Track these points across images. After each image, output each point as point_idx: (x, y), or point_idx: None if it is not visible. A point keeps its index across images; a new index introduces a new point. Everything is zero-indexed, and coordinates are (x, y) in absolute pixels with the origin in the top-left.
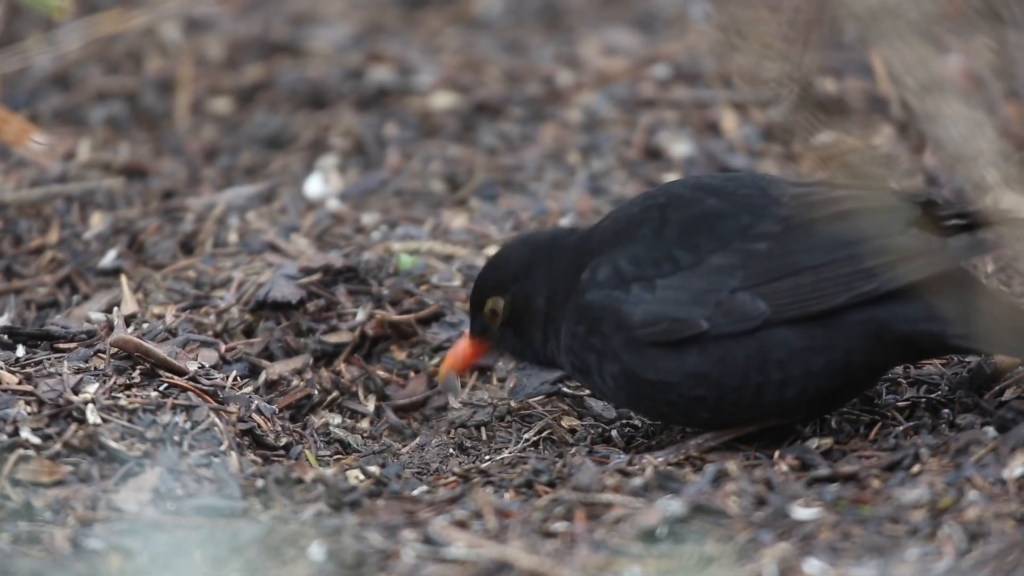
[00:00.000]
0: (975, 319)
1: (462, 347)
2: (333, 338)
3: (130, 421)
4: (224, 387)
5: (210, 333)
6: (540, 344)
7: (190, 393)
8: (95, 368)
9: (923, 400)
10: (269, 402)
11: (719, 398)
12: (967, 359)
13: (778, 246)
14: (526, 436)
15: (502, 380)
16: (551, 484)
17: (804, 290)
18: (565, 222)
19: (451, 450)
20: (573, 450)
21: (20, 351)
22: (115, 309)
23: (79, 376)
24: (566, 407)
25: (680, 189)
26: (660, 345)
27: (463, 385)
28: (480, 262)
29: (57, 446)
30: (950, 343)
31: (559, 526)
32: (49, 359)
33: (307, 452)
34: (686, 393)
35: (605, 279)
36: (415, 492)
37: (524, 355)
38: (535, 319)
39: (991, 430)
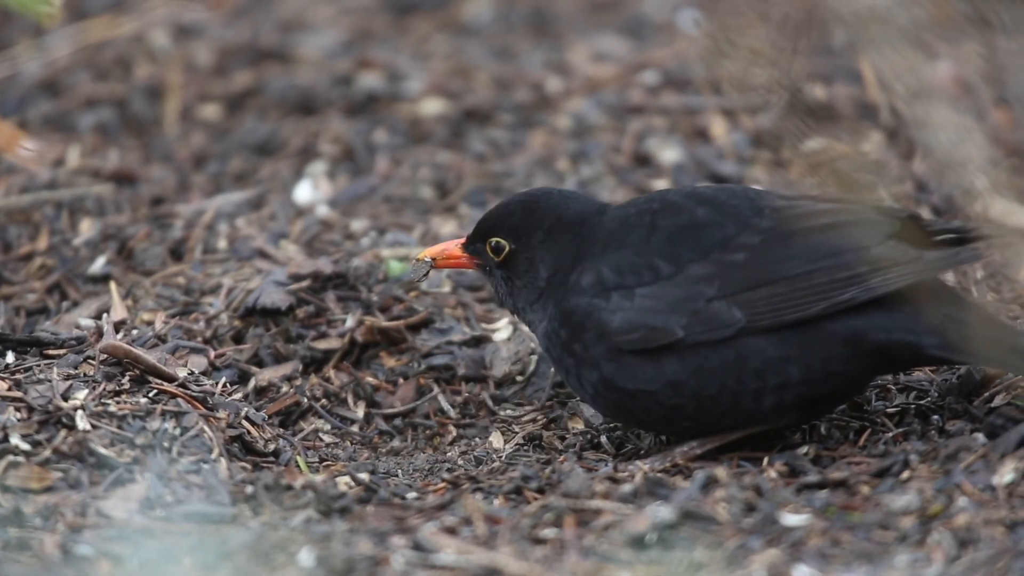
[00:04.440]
0: (952, 330)
1: (453, 249)
2: (322, 344)
3: (119, 427)
4: (213, 393)
5: (199, 339)
6: (524, 304)
7: (179, 399)
8: (84, 374)
9: (913, 406)
10: (258, 408)
11: (698, 406)
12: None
13: (755, 257)
14: (516, 442)
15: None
16: (541, 490)
17: (779, 299)
18: None
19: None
20: (562, 457)
21: (10, 357)
22: (104, 315)
23: (69, 382)
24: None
25: (675, 196)
26: (638, 353)
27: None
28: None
29: (47, 452)
30: (927, 353)
31: (548, 532)
32: (39, 365)
33: (298, 458)
34: (664, 402)
35: (588, 286)
36: (405, 498)
37: (503, 301)
38: (530, 283)
39: (981, 436)
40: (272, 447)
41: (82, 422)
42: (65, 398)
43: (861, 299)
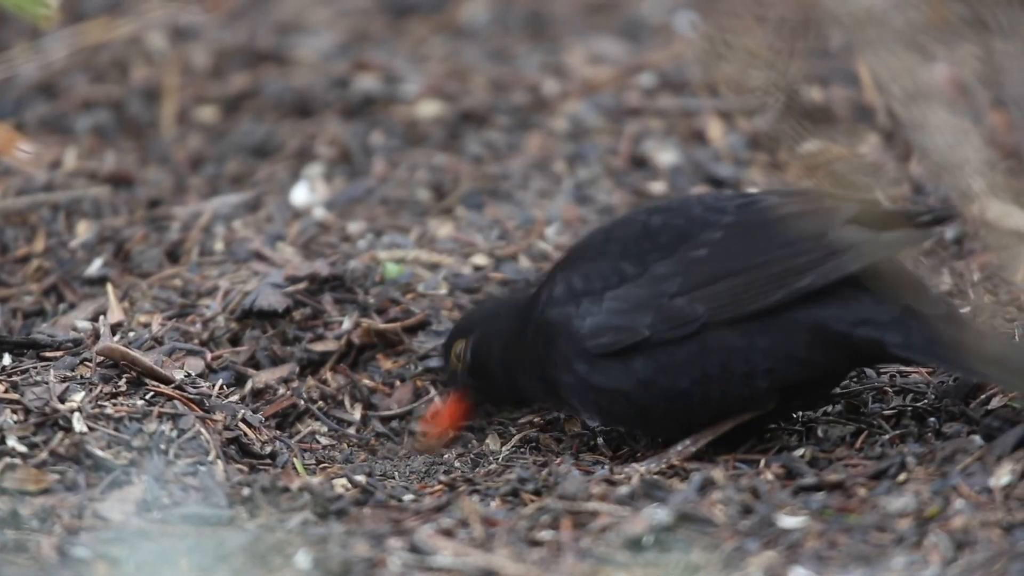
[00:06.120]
0: (914, 327)
1: (448, 409)
2: (319, 347)
3: (116, 430)
4: (210, 396)
5: (196, 342)
6: (502, 378)
7: (176, 402)
8: (81, 376)
9: (909, 409)
10: (255, 410)
11: (669, 405)
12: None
13: (716, 252)
14: (512, 444)
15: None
16: (537, 493)
17: (739, 291)
18: (551, 231)
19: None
20: (559, 459)
21: (6, 359)
22: (101, 318)
23: (65, 384)
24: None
25: (628, 213)
26: (609, 356)
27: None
28: (466, 270)
29: (43, 454)
30: (890, 352)
31: (545, 534)
32: (35, 367)
33: (295, 460)
34: (637, 401)
35: (559, 296)
36: (401, 500)
37: (491, 395)
38: (498, 354)
39: (977, 438)
40: (269, 449)
41: (79, 424)
42: (62, 400)
43: (819, 284)
